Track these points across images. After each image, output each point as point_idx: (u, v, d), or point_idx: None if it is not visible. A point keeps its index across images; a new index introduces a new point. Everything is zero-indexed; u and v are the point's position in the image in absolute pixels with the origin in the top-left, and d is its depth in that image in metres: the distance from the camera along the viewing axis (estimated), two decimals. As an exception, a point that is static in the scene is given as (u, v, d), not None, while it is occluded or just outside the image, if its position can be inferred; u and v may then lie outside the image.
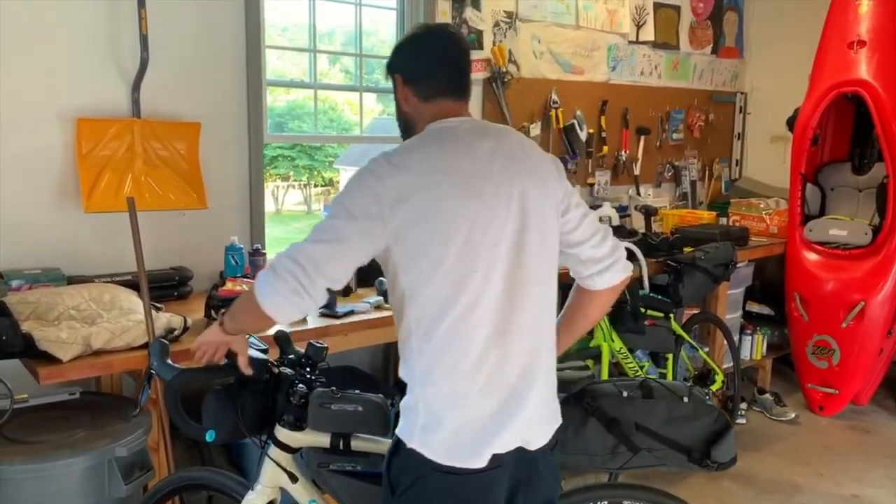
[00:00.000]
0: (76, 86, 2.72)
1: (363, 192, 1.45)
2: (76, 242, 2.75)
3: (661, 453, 1.84)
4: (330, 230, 1.44)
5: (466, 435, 1.45)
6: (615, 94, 4.54)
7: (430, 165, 1.47)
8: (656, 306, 3.36)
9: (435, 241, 1.43)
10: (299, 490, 1.76)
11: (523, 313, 1.49)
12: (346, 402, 1.65)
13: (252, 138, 3.16)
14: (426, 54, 1.60)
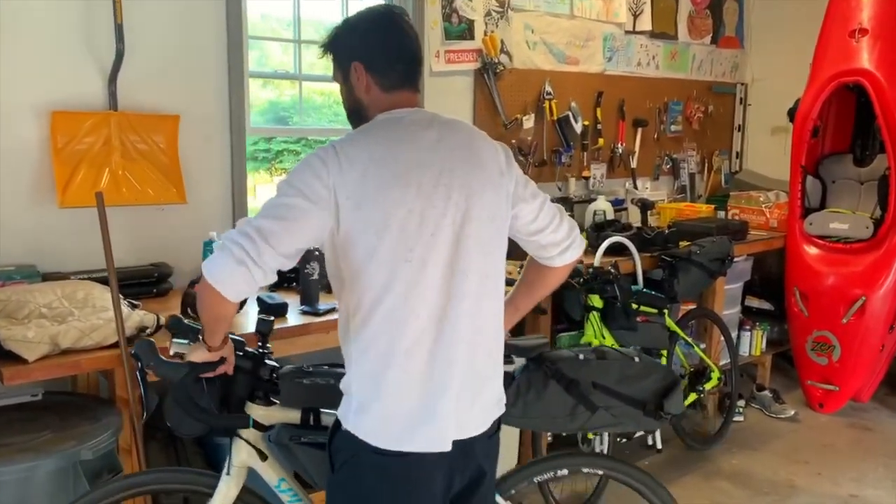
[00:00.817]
0: (50, 78, 2.65)
1: (311, 175, 1.45)
2: (52, 238, 2.68)
3: (617, 411, 1.94)
4: (280, 206, 1.45)
5: (397, 419, 1.48)
6: (611, 85, 4.45)
7: (371, 155, 1.48)
8: (649, 302, 3.28)
9: (371, 228, 1.45)
10: (268, 468, 1.78)
11: (461, 304, 1.51)
12: (318, 377, 1.71)
13: (234, 131, 3.09)
14: (390, 42, 1.58)
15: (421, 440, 1.48)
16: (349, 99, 1.62)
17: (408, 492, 1.50)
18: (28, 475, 1.91)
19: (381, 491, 1.50)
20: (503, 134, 3.95)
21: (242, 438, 1.76)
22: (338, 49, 1.61)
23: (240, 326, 2.48)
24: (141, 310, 2.45)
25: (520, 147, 4.01)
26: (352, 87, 1.60)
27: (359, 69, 1.57)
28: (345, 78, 1.60)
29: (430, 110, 3.49)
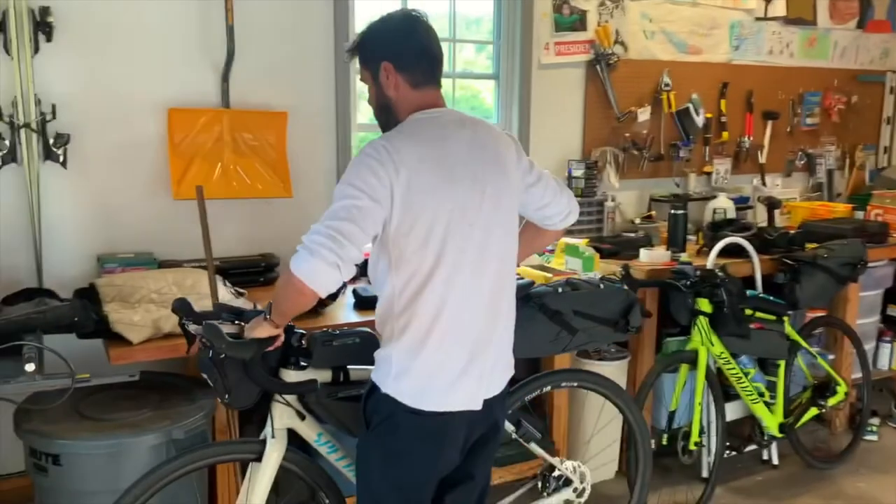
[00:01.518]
0: (168, 77, 2.83)
1: (371, 175, 1.59)
2: (168, 228, 2.86)
3: (593, 331, 2.32)
4: (352, 208, 1.57)
5: (435, 383, 1.68)
6: (738, 75, 4.18)
7: (421, 154, 1.64)
8: (766, 308, 3.06)
9: (422, 220, 1.62)
10: (307, 426, 1.96)
11: (489, 282, 1.73)
12: (345, 338, 1.91)
13: (340, 127, 3.16)
14: (415, 42, 1.72)
15: (455, 400, 1.69)
16: (379, 97, 1.74)
17: (438, 447, 1.71)
18: (124, 450, 2.06)
19: (415, 447, 1.70)
20: (616, 127, 3.82)
21: (280, 402, 1.90)
22: (366, 51, 1.74)
23: (332, 317, 2.54)
24: (246, 298, 2.57)
25: (634, 140, 3.86)
26: (381, 86, 1.72)
27: (388, 68, 1.69)
28: (374, 77, 1.73)
29: (539, 104, 3.51)
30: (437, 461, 1.73)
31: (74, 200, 2.74)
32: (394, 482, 1.73)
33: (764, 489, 3.22)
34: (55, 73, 2.63)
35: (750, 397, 3.07)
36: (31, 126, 2.56)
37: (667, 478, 3.17)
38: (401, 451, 1.70)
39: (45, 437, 2.07)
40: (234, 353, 1.77)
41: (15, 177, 2.61)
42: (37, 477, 2.12)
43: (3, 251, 2.60)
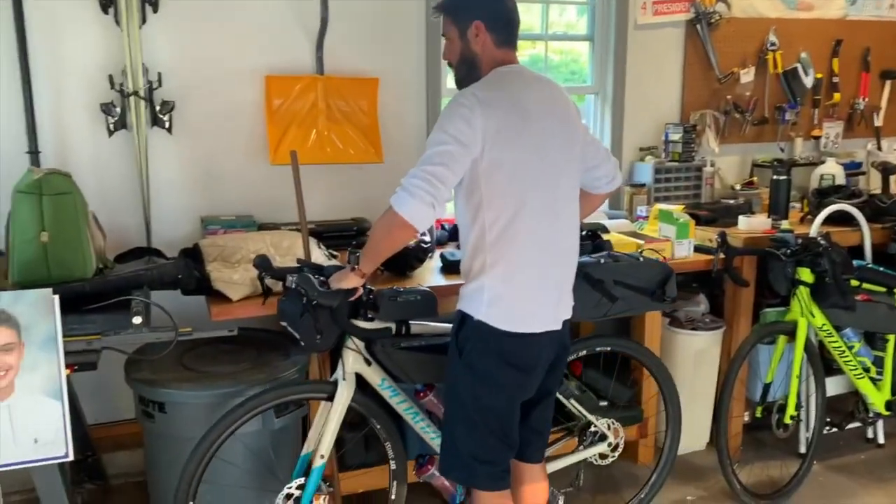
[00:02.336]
0: (266, 45, 2.92)
1: (461, 121, 1.75)
2: (267, 192, 2.97)
3: (631, 300, 2.42)
4: (444, 154, 1.74)
5: (524, 308, 1.86)
6: (853, 31, 3.92)
7: (509, 101, 1.82)
8: (875, 279, 2.90)
9: (510, 161, 1.80)
10: (372, 371, 2.16)
11: (563, 222, 1.92)
12: (408, 295, 2.12)
13: (430, 93, 3.18)
14: (504, 6, 1.91)
15: (543, 321, 1.89)
16: (464, 52, 1.91)
17: (528, 367, 1.90)
18: (223, 400, 2.18)
19: (507, 370, 1.87)
20: (717, 89, 3.68)
21: (351, 349, 2.11)
22: (459, 10, 1.90)
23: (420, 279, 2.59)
24: (338, 260, 2.65)
25: (736, 103, 3.70)
26: (468, 42, 1.90)
27: (479, 27, 1.87)
28: (462, 34, 1.90)
29: (636, 66, 3.40)
30: (526, 381, 1.92)
31: (180, 165, 2.88)
32: (486, 405, 1.89)
33: (867, 469, 3.08)
34: (161, 43, 2.76)
35: (854, 372, 2.92)
36: (139, 94, 2.70)
37: (760, 451, 3.09)
38: (494, 375, 1.87)
39: (151, 385, 2.22)
40: (324, 300, 1.98)
41: (125, 142, 2.77)
42: (145, 423, 2.29)
43: (116, 212, 2.77)
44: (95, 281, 2.14)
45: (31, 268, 2.05)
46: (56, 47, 2.66)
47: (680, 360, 3.04)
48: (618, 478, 2.93)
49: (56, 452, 1.85)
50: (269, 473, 2.25)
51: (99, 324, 2.02)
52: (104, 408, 2.89)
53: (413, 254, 2.61)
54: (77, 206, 2.13)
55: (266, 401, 2.07)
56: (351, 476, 2.54)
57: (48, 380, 1.82)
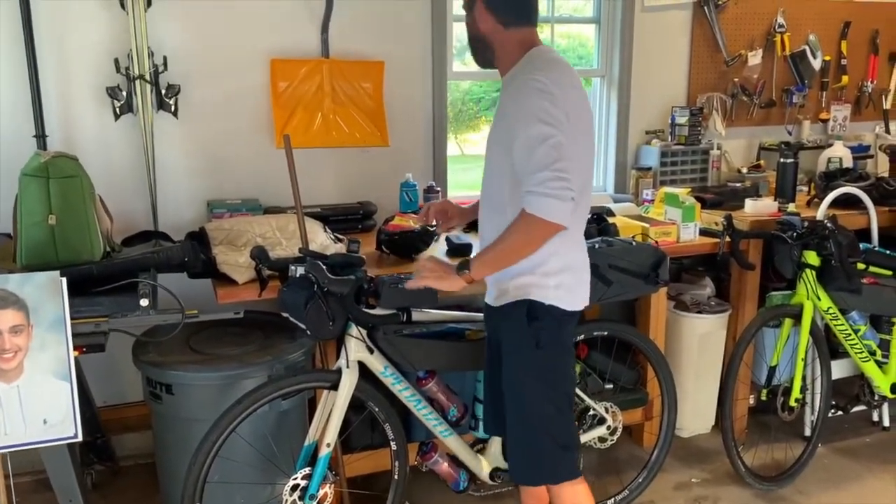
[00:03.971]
0: (271, 29, 2.92)
1: (552, 107, 1.72)
2: (272, 176, 2.97)
3: (626, 283, 2.44)
4: (557, 145, 1.71)
5: (578, 287, 1.94)
6: (862, 13, 3.89)
7: (570, 82, 1.82)
8: (881, 262, 2.89)
9: (581, 143, 1.82)
10: (375, 359, 2.16)
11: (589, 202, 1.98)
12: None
13: (436, 76, 3.17)
14: None
15: (586, 300, 1.97)
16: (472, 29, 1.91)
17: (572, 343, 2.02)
18: (230, 382, 2.19)
19: (569, 339, 1.97)
20: (724, 72, 3.66)
21: (354, 337, 2.10)
22: None
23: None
24: (345, 242, 2.66)
25: (743, 86, 3.68)
26: (474, 20, 1.89)
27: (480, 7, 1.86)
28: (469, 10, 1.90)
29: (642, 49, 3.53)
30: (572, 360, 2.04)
31: (186, 149, 2.89)
32: (565, 389, 1.96)
33: (873, 451, 3.08)
34: (166, 27, 2.76)
35: (860, 355, 2.92)
36: (145, 77, 2.70)
37: (765, 434, 3.09)
38: (565, 356, 1.96)
39: (159, 367, 2.23)
40: (336, 287, 2.00)
41: (132, 126, 2.77)
42: (153, 404, 2.30)
43: (123, 196, 2.78)
44: (103, 264, 2.15)
45: (38, 250, 2.07)
46: (62, 31, 2.66)
47: (685, 343, 3.05)
48: (623, 460, 2.94)
49: (65, 433, 1.87)
50: (275, 458, 2.26)
51: (106, 306, 2.04)
52: (113, 390, 2.91)
53: (419, 237, 2.61)
54: (84, 190, 2.14)
55: (267, 394, 2.05)
56: (355, 459, 2.55)
57: (57, 361, 1.83)
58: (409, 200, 2.97)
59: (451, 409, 2.33)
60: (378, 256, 2.67)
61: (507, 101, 1.83)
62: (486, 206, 1.95)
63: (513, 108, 1.78)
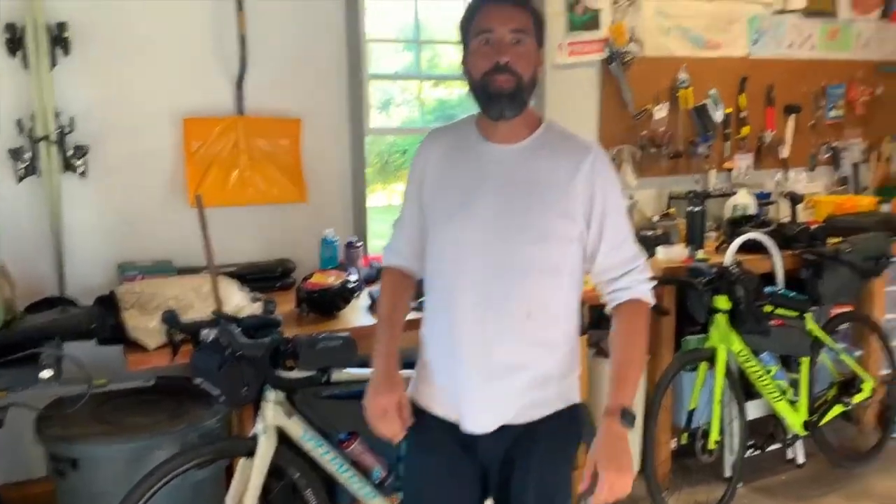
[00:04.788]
0: (184, 87, 2.88)
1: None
2: (186, 235, 2.88)
3: None
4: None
5: None
6: (757, 69, 4.13)
7: None
8: (787, 304, 3.02)
9: None
10: (294, 423, 2.08)
11: None
12: (328, 341, 2.07)
13: (353, 132, 3.19)
14: None
15: None
16: (536, 71, 1.59)
17: None
18: (140, 454, 2.09)
19: None
20: (632, 125, 3.80)
21: (271, 401, 2.03)
22: (540, 18, 1.61)
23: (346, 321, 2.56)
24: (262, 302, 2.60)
25: (651, 138, 3.83)
26: (539, 61, 1.61)
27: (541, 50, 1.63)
28: (538, 47, 1.60)
29: (553, 105, 3.48)
30: None
31: (95, 210, 2.80)
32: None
33: (789, 488, 3.17)
34: (73, 86, 2.69)
35: (772, 395, 3.02)
36: (49, 138, 2.62)
37: (687, 477, 3.14)
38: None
39: (63, 442, 2.12)
40: (249, 350, 1.94)
41: (36, 188, 2.67)
42: (57, 481, 2.18)
43: (27, 261, 2.66)
44: (2, 334, 2.04)
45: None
46: (-40, 92, 2.57)
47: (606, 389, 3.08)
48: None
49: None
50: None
51: (5, 379, 1.93)
52: (15, 465, 2.73)
53: (339, 294, 2.58)
54: (-19, 257, 2.04)
55: (180, 465, 1.95)
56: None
57: (-52, 441, 1.72)
58: (329, 256, 2.95)
59: (374, 471, 2.28)
60: (297, 315, 2.62)
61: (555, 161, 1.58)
62: (521, 271, 1.56)
63: (576, 173, 1.56)
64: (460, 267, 1.58)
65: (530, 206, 1.56)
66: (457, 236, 1.59)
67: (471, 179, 1.59)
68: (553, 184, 1.57)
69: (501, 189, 1.57)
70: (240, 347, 1.93)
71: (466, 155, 1.63)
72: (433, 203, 1.66)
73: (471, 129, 1.66)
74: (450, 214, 1.61)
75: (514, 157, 1.59)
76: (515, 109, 1.56)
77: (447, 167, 1.65)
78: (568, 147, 1.61)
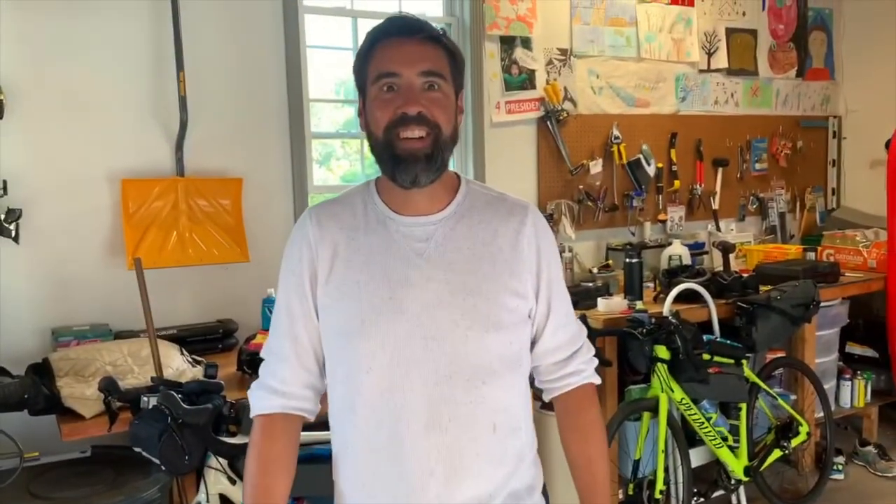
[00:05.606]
0: (122, 148, 2.86)
1: None
2: (124, 298, 2.83)
3: None
4: None
5: None
6: (686, 125, 4.32)
7: None
8: (723, 352, 3.11)
9: None
10: (238, 489, 2.01)
11: None
12: None
13: (297, 191, 3.20)
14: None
15: None
16: (455, 124, 1.31)
17: None
18: (76, 529, 2.00)
19: None
20: (569, 180, 3.91)
21: (213, 468, 2.00)
22: (458, 58, 1.32)
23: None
24: (202, 365, 2.55)
25: (588, 192, 3.94)
26: (457, 112, 1.32)
27: (461, 97, 1.35)
28: (456, 94, 1.32)
29: (493, 162, 3.50)
30: None
31: (28, 274, 2.72)
32: None
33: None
34: (6, 149, 2.64)
35: (713, 442, 3.08)
36: (-20, 203, 2.56)
37: (636, 528, 3.15)
38: None
39: (-8, 520, 2.02)
40: (191, 418, 1.90)
41: (-35, 253, 2.59)
42: (-15, 563, 2.06)
43: (-46, 329, 2.57)
44: (-74, 408, 1.95)
45: None
46: None
47: (553, 443, 3.09)
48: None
49: None
50: None
51: (-71, 456, 1.84)
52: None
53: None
54: None
55: None
56: None
57: None
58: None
59: (323, 538, 2.24)
60: (240, 377, 2.58)
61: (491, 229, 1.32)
62: (481, 370, 1.27)
63: (518, 241, 1.32)
64: (398, 382, 1.24)
65: (477, 289, 1.27)
66: (385, 341, 1.24)
67: (392, 267, 1.27)
68: (495, 256, 1.30)
69: (435, 272, 1.26)
70: (181, 415, 1.89)
71: (375, 237, 1.30)
72: (340, 305, 1.28)
73: (370, 201, 1.34)
74: (372, 315, 1.25)
75: (441, 230, 1.30)
76: (433, 173, 1.26)
77: (351, 257, 1.29)
78: (500, 208, 1.35)
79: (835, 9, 4.98)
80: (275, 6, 3.11)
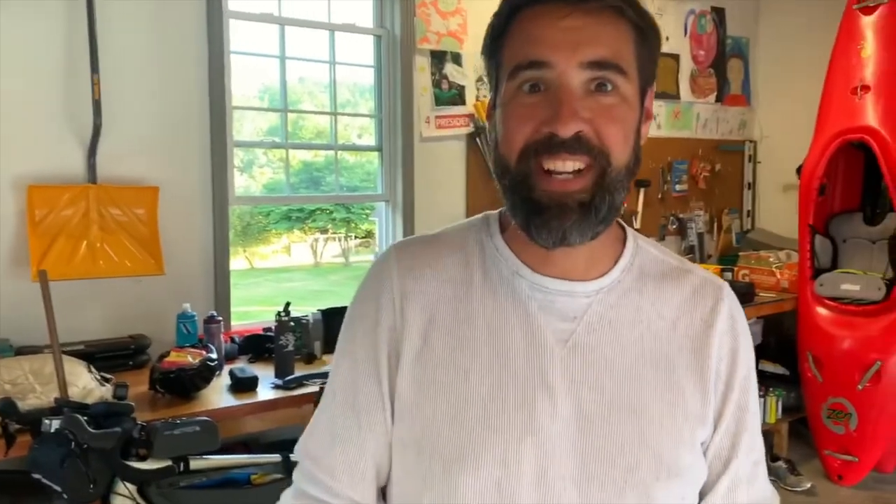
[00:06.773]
0: (30, 153, 2.69)
1: None
2: (27, 312, 2.66)
3: None
4: None
5: None
6: (611, 146, 4.39)
7: None
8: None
9: None
10: None
11: None
12: (185, 426, 1.94)
13: (217, 201, 3.08)
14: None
15: None
16: (637, 136, 0.90)
17: None
18: (-36, 564, 1.85)
19: None
20: (498, 197, 3.89)
21: (121, 495, 1.90)
22: (653, 43, 0.90)
23: (206, 401, 2.42)
24: (112, 384, 2.42)
25: (515, 210, 3.95)
26: (642, 118, 0.91)
27: (651, 97, 0.93)
28: (641, 95, 0.90)
29: (422, 177, 3.47)
30: None
31: (-82, 285, 2.53)
32: None
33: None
34: None
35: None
36: None
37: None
38: None
39: None
40: (97, 442, 1.80)
41: None
42: None
43: None
44: None
45: None
46: None
47: None
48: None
49: None
50: None
51: None
52: None
53: (198, 374, 2.44)
54: None
55: None
56: None
57: None
58: (188, 332, 2.79)
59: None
60: (152, 397, 2.46)
61: (668, 316, 0.92)
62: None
63: (707, 340, 0.91)
64: None
65: (647, 410, 0.86)
66: (504, 478, 0.83)
67: (520, 355, 0.86)
68: (673, 360, 0.89)
69: (586, 374, 0.86)
70: (87, 439, 1.78)
71: (495, 301, 0.89)
72: (432, 407, 0.86)
73: (489, 245, 0.95)
74: (485, 430, 0.84)
75: (596, 306, 0.89)
76: (592, 228, 0.86)
77: (455, 329, 0.88)
78: (683, 285, 0.94)
79: (751, 38, 5.18)
80: (198, 10, 3.00)
